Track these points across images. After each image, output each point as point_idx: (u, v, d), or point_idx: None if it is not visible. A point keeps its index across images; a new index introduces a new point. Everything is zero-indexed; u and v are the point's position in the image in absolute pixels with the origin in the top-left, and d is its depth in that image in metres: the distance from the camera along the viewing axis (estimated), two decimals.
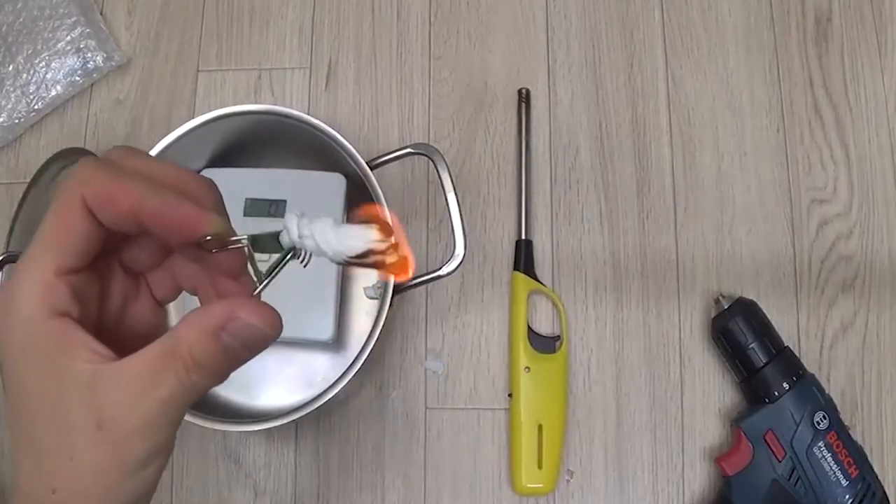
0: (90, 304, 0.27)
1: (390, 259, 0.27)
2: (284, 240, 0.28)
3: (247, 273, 0.29)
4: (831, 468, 0.54)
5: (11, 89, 0.67)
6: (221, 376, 0.27)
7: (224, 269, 0.29)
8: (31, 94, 0.67)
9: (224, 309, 0.26)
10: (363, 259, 0.27)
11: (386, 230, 0.27)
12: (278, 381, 0.60)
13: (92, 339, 0.26)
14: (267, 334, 0.26)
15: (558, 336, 0.61)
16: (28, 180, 0.61)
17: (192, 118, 0.55)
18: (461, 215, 0.53)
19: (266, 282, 0.29)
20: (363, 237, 0.26)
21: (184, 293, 0.31)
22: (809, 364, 0.58)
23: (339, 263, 0.27)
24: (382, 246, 0.27)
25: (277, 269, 0.28)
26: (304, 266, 0.28)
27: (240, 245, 0.28)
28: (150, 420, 0.25)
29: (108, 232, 0.27)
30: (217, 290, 0.30)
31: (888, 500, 0.55)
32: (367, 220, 0.27)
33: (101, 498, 0.25)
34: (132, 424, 0.25)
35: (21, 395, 0.26)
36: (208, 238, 0.27)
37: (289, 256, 0.28)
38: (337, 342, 0.59)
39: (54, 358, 0.25)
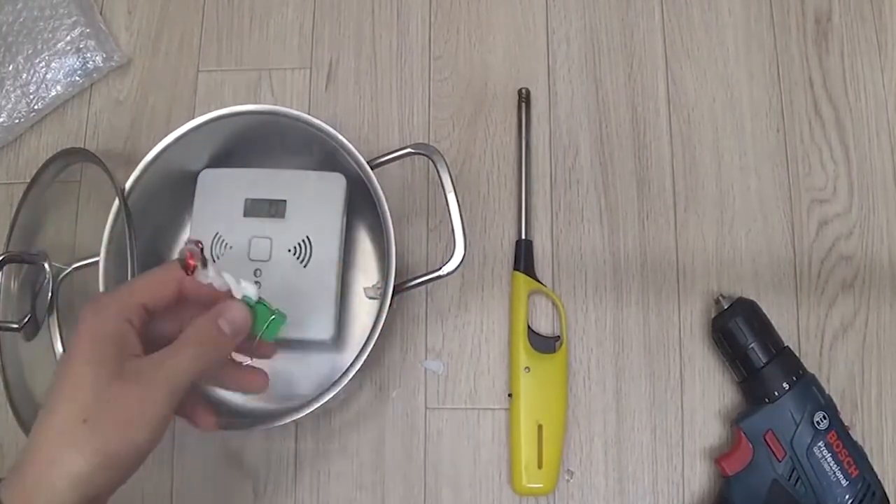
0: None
1: None
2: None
3: None
4: (831, 468, 0.54)
5: (11, 89, 0.67)
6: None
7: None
8: (31, 94, 0.67)
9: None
10: None
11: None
12: (279, 381, 0.60)
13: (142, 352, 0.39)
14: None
15: (558, 336, 0.61)
16: (28, 180, 0.61)
17: (192, 118, 0.55)
18: (461, 215, 0.53)
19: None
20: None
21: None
22: (809, 364, 0.58)
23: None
24: None
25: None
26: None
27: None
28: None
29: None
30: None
31: (888, 500, 0.55)
32: None
33: None
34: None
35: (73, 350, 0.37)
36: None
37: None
38: (337, 342, 0.59)
39: (112, 343, 0.37)
